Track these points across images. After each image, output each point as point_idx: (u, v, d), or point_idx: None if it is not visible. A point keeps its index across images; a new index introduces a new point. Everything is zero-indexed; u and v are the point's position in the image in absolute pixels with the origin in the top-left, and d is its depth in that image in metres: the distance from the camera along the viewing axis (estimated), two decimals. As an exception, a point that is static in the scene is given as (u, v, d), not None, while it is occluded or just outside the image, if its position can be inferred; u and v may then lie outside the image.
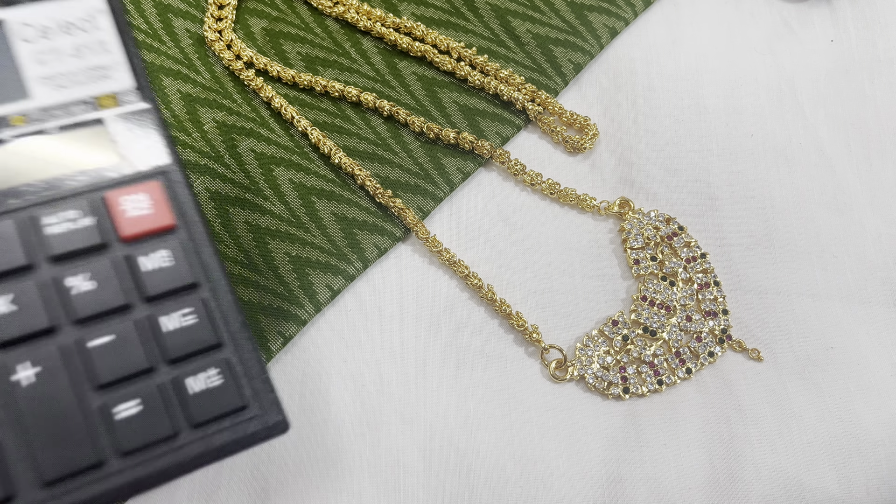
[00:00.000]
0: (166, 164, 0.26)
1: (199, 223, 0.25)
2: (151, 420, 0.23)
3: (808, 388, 0.33)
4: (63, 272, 0.23)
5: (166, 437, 0.23)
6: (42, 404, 0.22)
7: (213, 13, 0.39)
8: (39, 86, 0.25)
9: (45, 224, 0.24)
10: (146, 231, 0.25)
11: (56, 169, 0.24)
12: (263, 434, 0.24)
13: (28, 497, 0.22)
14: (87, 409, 0.23)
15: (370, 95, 0.37)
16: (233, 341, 0.25)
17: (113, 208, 0.24)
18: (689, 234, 0.35)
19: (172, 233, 0.25)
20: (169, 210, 0.25)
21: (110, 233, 0.24)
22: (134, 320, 0.24)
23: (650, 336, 0.33)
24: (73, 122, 0.25)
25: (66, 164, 0.25)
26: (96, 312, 0.23)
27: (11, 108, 0.25)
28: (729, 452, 0.31)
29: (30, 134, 0.25)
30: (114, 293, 0.24)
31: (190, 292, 0.25)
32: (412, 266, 0.34)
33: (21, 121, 0.25)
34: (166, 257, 0.24)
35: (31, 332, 0.23)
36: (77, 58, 0.26)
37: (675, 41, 0.40)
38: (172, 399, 0.23)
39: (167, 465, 0.23)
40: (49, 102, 0.25)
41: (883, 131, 0.38)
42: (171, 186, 0.25)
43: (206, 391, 0.24)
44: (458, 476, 0.30)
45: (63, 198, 0.24)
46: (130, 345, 0.23)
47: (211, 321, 0.24)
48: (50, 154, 0.25)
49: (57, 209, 0.24)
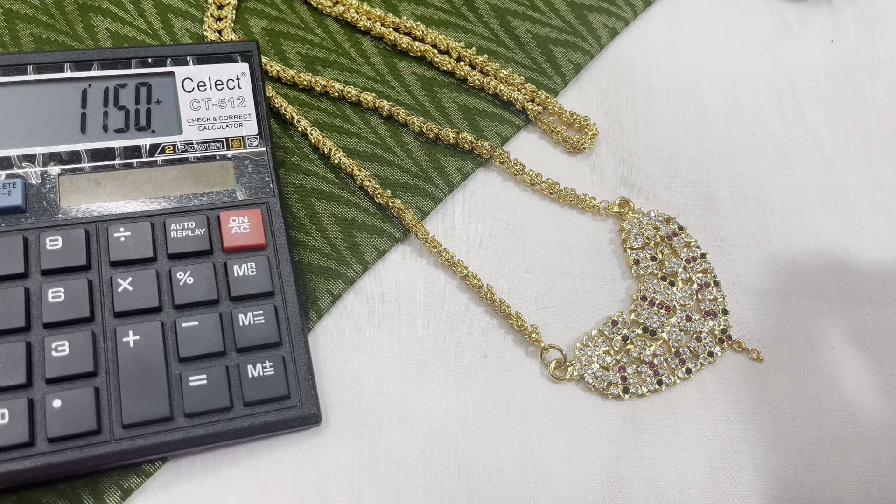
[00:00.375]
0: (270, 197, 0.33)
1: (285, 245, 0.32)
2: (215, 392, 0.29)
3: (808, 388, 0.33)
4: (175, 267, 0.30)
5: (223, 408, 0.29)
6: (136, 364, 0.29)
7: (212, 13, 0.39)
8: (189, 126, 0.33)
9: (171, 229, 0.31)
10: (242, 246, 0.31)
11: (189, 188, 0.32)
12: (298, 422, 0.29)
13: (109, 433, 0.28)
14: (169, 375, 0.29)
15: (370, 95, 0.37)
16: (290, 342, 0.30)
17: (222, 225, 0.31)
18: (688, 233, 0.35)
19: (262, 250, 0.32)
20: (262, 232, 0.32)
21: (216, 243, 0.31)
22: (219, 313, 0.30)
23: (650, 336, 0.33)
24: (208, 155, 0.33)
25: (197, 186, 0.32)
26: (192, 302, 0.30)
27: (167, 139, 0.33)
28: (729, 452, 0.31)
29: (176, 161, 0.32)
30: (208, 289, 0.30)
31: (265, 298, 0.31)
32: (411, 266, 0.34)
33: (171, 150, 0.33)
34: (252, 268, 0.31)
35: (143, 308, 0.30)
36: (220, 107, 0.34)
37: (675, 41, 0.40)
38: (234, 379, 0.29)
39: (219, 430, 0.29)
40: (194, 139, 0.33)
41: (883, 131, 0.38)
42: (269, 214, 0.32)
43: (260, 378, 0.29)
44: (458, 476, 0.30)
45: (189, 211, 0.32)
46: (211, 331, 0.30)
47: (277, 323, 0.30)
48: (186, 177, 0.32)
49: (182, 219, 0.31)
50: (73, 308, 0.29)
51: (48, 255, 0.30)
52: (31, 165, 0.31)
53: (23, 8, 0.39)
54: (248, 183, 0.33)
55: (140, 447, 0.28)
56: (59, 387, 0.28)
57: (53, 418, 0.27)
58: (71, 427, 0.27)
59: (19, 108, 0.32)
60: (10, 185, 0.30)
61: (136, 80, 0.33)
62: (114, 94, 0.33)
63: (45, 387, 0.28)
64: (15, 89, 0.32)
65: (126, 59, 0.33)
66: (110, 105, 0.33)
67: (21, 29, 0.38)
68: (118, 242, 0.30)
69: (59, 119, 0.32)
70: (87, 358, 0.28)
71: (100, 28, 0.39)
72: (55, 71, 0.33)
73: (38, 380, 0.28)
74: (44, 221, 0.30)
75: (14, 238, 0.30)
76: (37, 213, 0.30)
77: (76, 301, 0.29)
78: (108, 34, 0.39)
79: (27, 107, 0.32)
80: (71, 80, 0.33)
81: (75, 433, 0.27)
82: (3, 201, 0.30)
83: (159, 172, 0.32)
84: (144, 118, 0.33)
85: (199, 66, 0.34)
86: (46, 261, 0.30)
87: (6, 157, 0.31)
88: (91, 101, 0.33)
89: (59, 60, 0.33)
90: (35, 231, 0.30)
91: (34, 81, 0.32)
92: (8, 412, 0.27)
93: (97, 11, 0.39)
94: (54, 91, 0.32)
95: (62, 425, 0.27)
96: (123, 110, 0.33)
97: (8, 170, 0.31)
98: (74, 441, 0.27)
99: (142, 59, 0.34)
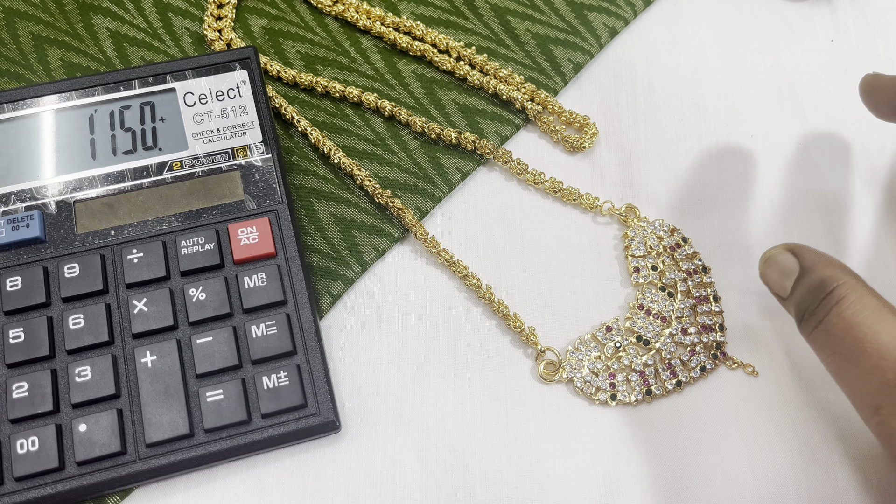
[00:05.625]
0: (278, 204, 0.33)
1: (296, 253, 0.32)
2: (232, 406, 0.29)
3: (806, 388, 0.33)
4: (188, 284, 0.31)
5: (241, 421, 0.29)
6: (156, 384, 0.29)
7: (212, 12, 0.39)
8: (194, 140, 0.33)
9: (182, 246, 0.31)
10: (252, 256, 0.31)
11: (198, 203, 0.32)
12: (316, 430, 0.30)
13: (135, 453, 0.28)
14: (188, 392, 0.29)
15: (371, 96, 0.37)
16: (305, 350, 0.30)
17: (232, 237, 0.32)
18: (692, 245, 0.35)
19: (272, 259, 0.32)
20: (272, 241, 0.32)
21: (227, 256, 0.32)
22: (232, 326, 0.30)
23: (643, 345, 0.33)
24: (214, 168, 0.33)
25: (206, 199, 0.32)
26: (205, 317, 0.30)
27: (174, 156, 0.33)
28: (728, 452, 0.31)
29: (184, 177, 0.33)
30: (220, 303, 0.31)
31: (277, 308, 0.31)
32: (410, 266, 0.34)
33: (178, 166, 0.33)
34: (263, 278, 0.31)
35: (159, 328, 0.30)
36: (222, 118, 0.34)
37: (675, 41, 0.40)
38: (251, 392, 0.29)
39: (239, 444, 0.29)
40: (199, 152, 0.33)
41: (883, 131, 0.38)
42: (278, 222, 0.32)
43: (275, 389, 0.29)
44: (455, 475, 0.30)
45: (198, 226, 0.32)
46: (225, 345, 0.30)
47: (290, 332, 0.30)
48: (195, 192, 0.33)
49: (192, 235, 0.32)
50: (93, 333, 0.30)
51: (67, 283, 0.30)
52: (49, 196, 0.32)
53: (23, 6, 0.39)
54: (255, 191, 0.33)
55: (164, 465, 0.28)
56: (83, 411, 0.29)
57: (80, 442, 0.28)
58: (97, 450, 0.28)
59: (31, 140, 0.33)
60: (28, 218, 0.31)
61: (139, 101, 0.34)
62: (119, 116, 0.34)
63: (71, 412, 0.29)
64: (26, 122, 0.33)
65: (128, 81, 0.34)
66: (117, 128, 0.33)
67: (21, 27, 0.39)
68: (132, 264, 0.31)
69: (70, 147, 0.33)
70: (108, 381, 0.29)
71: (100, 27, 0.39)
72: (63, 100, 0.34)
73: (65, 406, 0.29)
74: (62, 250, 0.31)
75: (35, 269, 0.31)
76: (55, 242, 0.31)
77: (96, 326, 0.30)
78: (107, 33, 0.39)
79: (39, 137, 0.33)
80: (77, 107, 0.34)
81: (102, 455, 0.28)
82: (23, 234, 0.31)
83: (168, 190, 0.32)
84: (151, 138, 0.33)
85: (199, 78, 0.34)
86: (66, 288, 0.30)
87: (25, 189, 0.32)
88: (98, 125, 0.33)
89: (65, 90, 0.34)
90: (54, 260, 0.31)
91: (44, 112, 0.33)
92: (38, 439, 0.28)
93: (97, 10, 0.39)
94: (63, 120, 0.33)
95: (89, 448, 0.28)
96: (130, 132, 0.33)
97: (26, 202, 0.32)
98: (101, 463, 0.28)
99: (143, 79, 0.34)
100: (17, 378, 0.29)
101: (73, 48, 0.38)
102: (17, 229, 0.31)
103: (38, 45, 0.38)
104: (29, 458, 0.28)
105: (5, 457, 0.28)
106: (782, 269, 0.29)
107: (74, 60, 0.38)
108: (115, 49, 0.38)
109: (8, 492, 0.28)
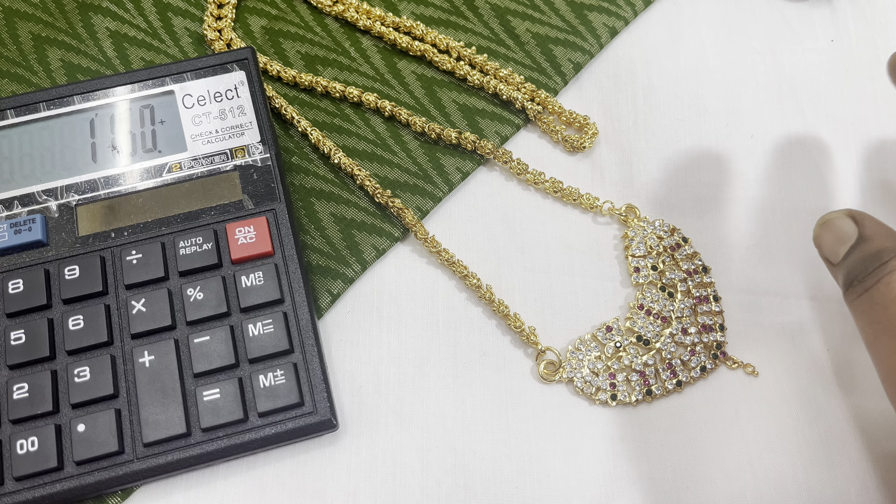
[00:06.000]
0: (276, 203, 0.33)
1: (293, 251, 0.32)
2: (229, 405, 0.29)
3: (806, 388, 0.33)
4: (186, 283, 0.31)
5: (238, 420, 0.29)
6: (153, 384, 0.29)
7: (212, 12, 0.39)
8: (193, 141, 0.34)
9: (180, 247, 0.32)
10: (249, 256, 0.32)
11: (197, 203, 0.33)
12: (314, 428, 0.30)
13: (132, 453, 0.29)
14: (185, 391, 0.29)
15: (372, 96, 0.37)
16: (302, 348, 0.30)
17: (229, 237, 0.32)
18: (692, 245, 0.35)
19: (269, 258, 0.32)
20: (269, 240, 0.32)
21: (224, 255, 0.32)
22: (229, 325, 0.30)
23: (643, 345, 0.33)
24: (213, 169, 0.33)
25: (204, 200, 0.33)
26: (203, 317, 0.30)
27: (173, 158, 0.33)
28: (728, 452, 0.31)
29: (183, 178, 0.33)
30: (218, 303, 0.31)
31: (274, 306, 0.31)
32: (411, 266, 0.34)
33: (177, 168, 0.33)
34: (260, 277, 0.31)
35: (157, 328, 0.30)
36: (221, 119, 0.34)
37: (675, 40, 0.40)
38: (247, 391, 0.30)
39: (236, 443, 0.29)
40: (198, 153, 0.33)
41: (883, 131, 0.38)
42: (276, 221, 0.32)
43: (272, 387, 0.29)
44: (455, 475, 0.30)
45: (197, 227, 0.32)
46: (223, 344, 0.30)
47: (287, 330, 0.30)
48: (194, 193, 0.33)
49: (190, 235, 0.32)
50: (92, 334, 0.30)
51: (67, 285, 0.31)
52: (51, 199, 0.33)
53: (22, 6, 0.39)
54: (254, 191, 0.33)
55: (161, 464, 0.29)
56: (82, 411, 0.29)
57: (79, 442, 0.28)
58: (96, 449, 0.28)
59: (35, 145, 0.33)
60: (31, 221, 0.32)
61: (139, 104, 0.34)
62: (119, 120, 0.34)
63: (70, 412, 0.29)
64: (30, 127, 0.34)
65: (127, 84, 0.35)
66: (117, 131, 0.34)
67: (21, 27, 0.39)
68: (131, 265, 0.31)
69: (72, 151, 0.33)
70: (107, 381, 0.29)
71: (99, 27, 0.39)
72: (64, 105, 0.34)
73: (64, 406, 0.29)
74: (63, 252, 0.32)
75: (36, 271, 0.31)
76: (57, 244, 0.32)
77: (95, 327, 0.30)
78: (107, 33, 0.39)
79: (42, 142, 0.34)
80: (78, 111, 0.34)
81: (100, 455, 0.28)
82: (25, 237, 0.32)
83: (168, 191, 0.33)
84: (150, 140, 0.34)
85: (197, 80, 0.35)
86: (66, 290, 0.31)
87: (28, 193, 0.33)
88: (98, 129, 0.34)
89: (65, 94, 0.34)
90: (55, 263, 0.31)
91: (46, 118, 0.34)
92: (37, 440, 0.28)
93: (97, 10, 0.39)
94: (65, 124, 0.34)
95: (87, 448, 0.28)
96: (130, 135, 0.34)
97: (30, 206, 0.32)
98: (100, 462, 0.29)
99: (142, 82, 0.35)
100: (17, 379, 0.29)
101: (73, 48, 0.38)
102: (20, 233, 0.31)
103: (37, 45, 0.38)
104: (28, 458, 0.28)
105: (5, 457, 0.28)
106: (839, 235, 0.28)
107: (74, 61, 0.38)
108: (115, 49, 0.38)
109: (8, 492, 0.28)
